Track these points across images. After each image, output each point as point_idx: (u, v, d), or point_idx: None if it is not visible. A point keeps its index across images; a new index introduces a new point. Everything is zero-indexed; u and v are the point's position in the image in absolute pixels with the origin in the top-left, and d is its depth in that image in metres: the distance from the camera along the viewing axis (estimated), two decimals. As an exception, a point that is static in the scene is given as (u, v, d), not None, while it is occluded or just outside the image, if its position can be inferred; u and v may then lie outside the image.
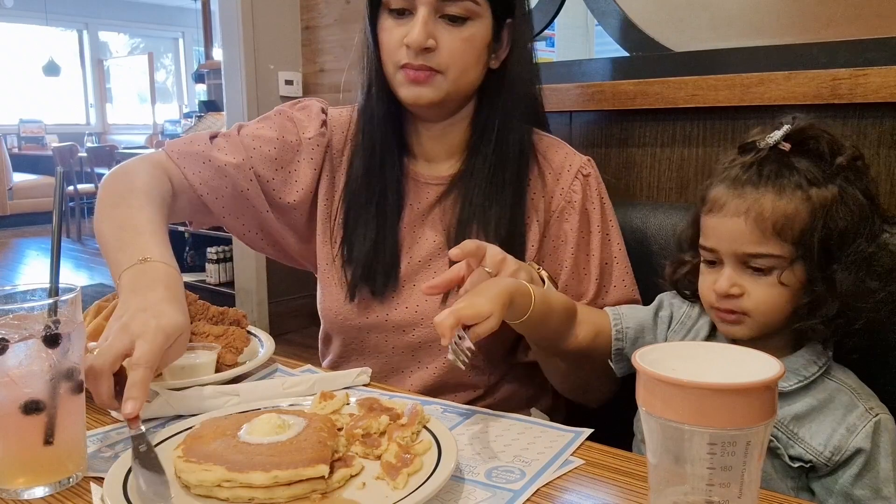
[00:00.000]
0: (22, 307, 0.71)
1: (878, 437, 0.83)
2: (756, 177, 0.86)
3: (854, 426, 0.83)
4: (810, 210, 0.83)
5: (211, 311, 1.10)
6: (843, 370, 0.90)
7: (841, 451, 0.83)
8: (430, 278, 1.03)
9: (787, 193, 0.84)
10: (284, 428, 0.71)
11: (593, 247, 1.12)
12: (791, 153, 0.86)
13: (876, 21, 1.30)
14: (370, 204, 1.13)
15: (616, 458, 0.78)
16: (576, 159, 1.15)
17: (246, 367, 0.99)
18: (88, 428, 0.83)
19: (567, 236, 1.12)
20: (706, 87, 1.33)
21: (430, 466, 0.70)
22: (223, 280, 3.99)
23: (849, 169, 0.86)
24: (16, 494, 0.70)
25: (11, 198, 7.86)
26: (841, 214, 0.83)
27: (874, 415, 0.84)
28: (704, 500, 0.53)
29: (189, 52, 10.53)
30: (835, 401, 0.86)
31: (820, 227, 0.83)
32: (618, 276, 1.13)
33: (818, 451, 0.83)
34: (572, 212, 1.12)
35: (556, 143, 1.17)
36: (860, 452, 0.82)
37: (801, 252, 0.84)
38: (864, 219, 0.85)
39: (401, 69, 1.05)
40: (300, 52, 2.57)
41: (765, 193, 0.84)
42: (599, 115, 1.53)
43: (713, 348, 0.61)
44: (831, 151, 0.86)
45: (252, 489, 0.64)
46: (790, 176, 0.85)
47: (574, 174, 1.13)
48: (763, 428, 0.52)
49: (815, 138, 0.87)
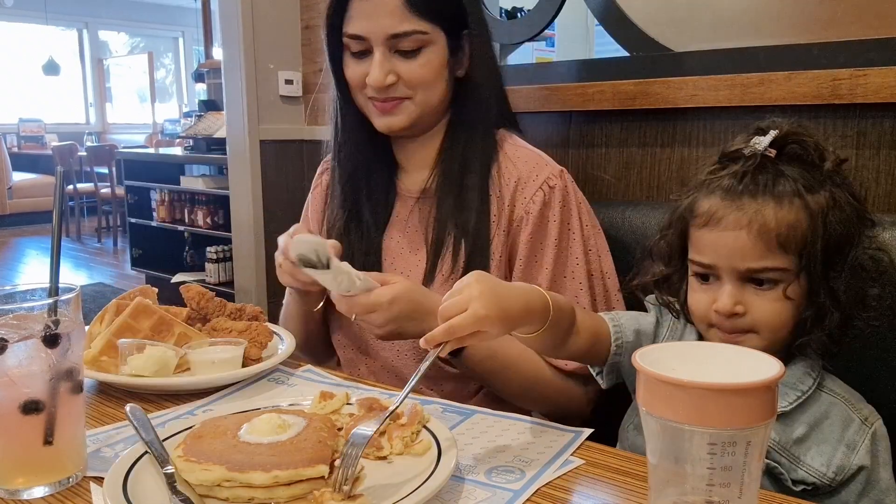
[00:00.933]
0: (22, 307, 0.71)
1: (876, 448, 0.83)
2: (752, 186, 0.81)
3: (854, 442, 0.82)
4: (810, 218, 0.80)
5: (228, 307, 1.13)
6: (830, 378, 0.88)
7: (844, 470, 0.81)
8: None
9: (787, 202, 0.80)
10: (284, 428, 0.71)
11: (546, 261, 1.11)
12: (778, 159, 0.83)
13: (876, 21, 1.30)
14: (355, 218, 1.20)
15: (616, 458, 0.78)
16: (545, 170, 1.13)
17: (271, 361, 1.02)
18: (88, 428, 0.83)
19: (519, 248, 1.12)
20: (706, 87, 1.33)
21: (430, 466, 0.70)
22: (223, 279, 3.99)
23: (836, 173, 0.84)
24: (16, 494, 0.70)
25: (11, 197, 7.86)
26: (836, 220, 0.81)
27: (870, 426, 0.83)
28: (704, 501, 0.53)
29: (189, 52, 10.53)
30: (830, 416, 0.84)
31: (821, 235, 0.80)
32: (572, 292, 1.10)
33: (821, 472, 0.81)
34: (528, 223, 1.11)
35: (530, 153, 1.16)
36: (862, 469, 0.81)
37: (804, 263, 0.80)
38: (858, 223, 0.83)
39: (369, 101, 1.12)
40: (300, 52, 2.56)
41: (765, 204, 0.80)
42: (599, 115, 1.53)
43: (713, 348, 0.61)
44: (818, 156, 0.84)
45: (252, 489, 0.64)
46: (785, 184, 0.81)
47: (538, 185, 1.12)
48: (763, 428, 0.52)
49: (799, 143, 0.84)
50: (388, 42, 1.07)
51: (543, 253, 1.11)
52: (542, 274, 1.11)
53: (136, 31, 10.32)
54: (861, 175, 1.21)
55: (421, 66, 1.09)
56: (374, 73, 1.08)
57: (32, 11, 8.94)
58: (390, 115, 1.12)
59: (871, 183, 1.21)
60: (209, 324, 1.09)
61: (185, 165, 4.45)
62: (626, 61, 1.54)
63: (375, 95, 1.10)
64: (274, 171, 2.59)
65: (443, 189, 1.15)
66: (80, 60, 9.89)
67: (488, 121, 1.17)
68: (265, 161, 2.57)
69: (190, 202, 4.29)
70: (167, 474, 0.67)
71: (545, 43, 3.81)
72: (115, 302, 1.07)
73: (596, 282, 1.13)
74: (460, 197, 1.13)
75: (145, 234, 4.66)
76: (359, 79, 1.11)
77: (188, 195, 4.29)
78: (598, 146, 1.54)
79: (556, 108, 1.56)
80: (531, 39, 1.81)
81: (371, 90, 1.10)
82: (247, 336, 1.04)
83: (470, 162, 1.14)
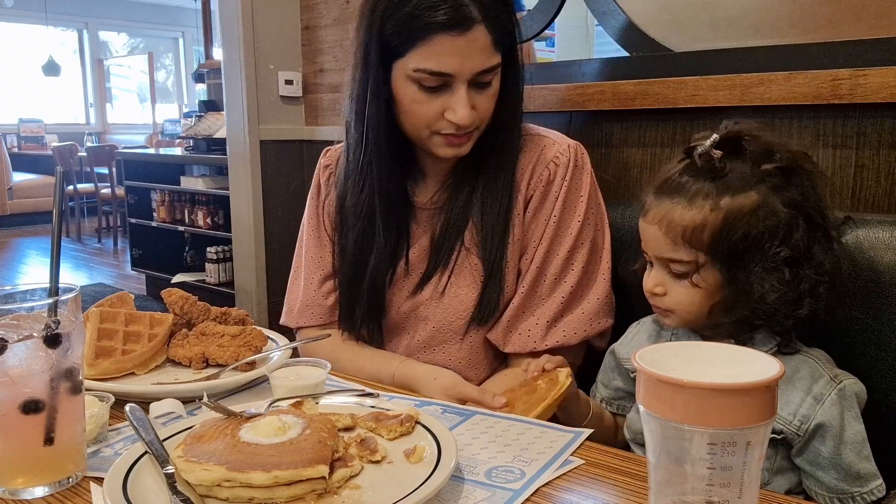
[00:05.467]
0: (22, 307, 0.71)
1: (845, 402, 0.86)
2: (677, 185, 0.90)
3: (820, 395, 0.86)
4: (721, 218, 0.86)
5: (213, 311, 1.10)
6: (811, 348, 0.92)
7: (809, 419, 0.85)
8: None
9: (698, 203, 0.88)
10: (285, 429, 0.71)
11: (546, 233, 1.12)
12: (725, 157, 0.88)
13: (876, 21, 1.30)
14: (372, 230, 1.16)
15: (616, 458, 0.78)
16: (552, 149, 1.14)
17: (266, 368, 0.96)
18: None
19: (525, 226, 1.14)
20: (706, 87, 1.33)
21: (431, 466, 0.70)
22: (223, 280, 3.99)
23: (777, 175, 0.88)
24: (16, 494, 0.70)
25: (11, 197, 7.86)
26: (755, 221, 0.86)
27: (838, 382, 0.87)
28: (704, 500, 0.53)
29: (189, 52, 10.52)
30: (801, 371, 0.89)
31: (730, 235, 0.86)
32: (564, 264, 1.12)
33: (788, 420, 0.86)
34: (533, 201, 1.13)
35: (541, 138, 1.17)
36: (830, 422, 0.85)
37: (711, 257, 0.88)
38: (782, 226, 0.86)
39: (440, 135, 1.07)
40: (300, 52, 2.56)
41: (677, 204, 0.89)
42: (599, 115, 1.53)
43: (713, 348, 0.60)
44: (761, 156, 0.88)
45: (252, 489, 0.64)
46: (709, 184, 0.88)
47: (545, 165, 1.13)
48: (763, 428, 0.52)
49: (748, 142, 0.89)
50: (473, 78, 1.03)
51: (544, 225, 1.13)
52: (539, 245, 1.12)
53: (136, 31, 10.32)
54: (861, 175, 1.22)
55: (491, 97, 1.07)
56: (463, 112, 1.02)
57: (32, 12, 8.94)
58: (462, 146, 1.08)
59: (871, 183, 1.21)
60: (197, 328, 1.06)
61: (186, 166, 4.45)
62: (626, 61, 1.54)
63: (455, 132, 1.05)
64: (274, 172, 2.59)
65: (462, 173, 1.14)
66: (81, 61, 9.89)
67: (518, 124, 1.15)
68: (265, 161, 2.57)
69: (190, 202, 4.29)
70: (167, 474, 0.67)
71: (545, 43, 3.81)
72: (98, 310, 1.03)
73: (592, 255, 1.14)
74: (485, 175, 1.12)
75: (145, 234, 4.66)
76: (434, 115, 1.04)
77: (188, 195, 4.29)
78: (598, 146, 1.54)
79: (556, 108, 1.56)
80: (531, 39, 1.81)
81: (452, 127, 1.04)
82: (240, 341, 1.01)
83: (504, 162, 1.13)
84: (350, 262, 1.17)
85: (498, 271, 1.12)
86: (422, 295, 1.16)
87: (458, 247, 1.13)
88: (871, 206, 1.21)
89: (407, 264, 1.17)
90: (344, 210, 1.19)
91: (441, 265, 1.15)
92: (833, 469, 0.85)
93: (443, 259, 1.14)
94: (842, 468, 0.85)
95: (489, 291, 1.12)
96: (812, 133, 1.25)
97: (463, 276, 1.14)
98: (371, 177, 1.12)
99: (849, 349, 0.98)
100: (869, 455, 0.86)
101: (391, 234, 1.15)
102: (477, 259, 1.13)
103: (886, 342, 0.97)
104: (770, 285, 0.86)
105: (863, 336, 0.98)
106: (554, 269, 1.12)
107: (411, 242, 1.18)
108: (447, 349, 1.17)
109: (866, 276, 0.98)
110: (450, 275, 1.14)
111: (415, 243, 1.18)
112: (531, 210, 1.14)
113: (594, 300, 1.13)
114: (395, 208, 1.15)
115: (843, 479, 0.85)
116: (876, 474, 0.86)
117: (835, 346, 0.95)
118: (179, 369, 1.03)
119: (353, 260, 1.17)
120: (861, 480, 0.85)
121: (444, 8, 0.98)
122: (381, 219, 1.14)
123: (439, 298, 1.15)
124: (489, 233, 1.12)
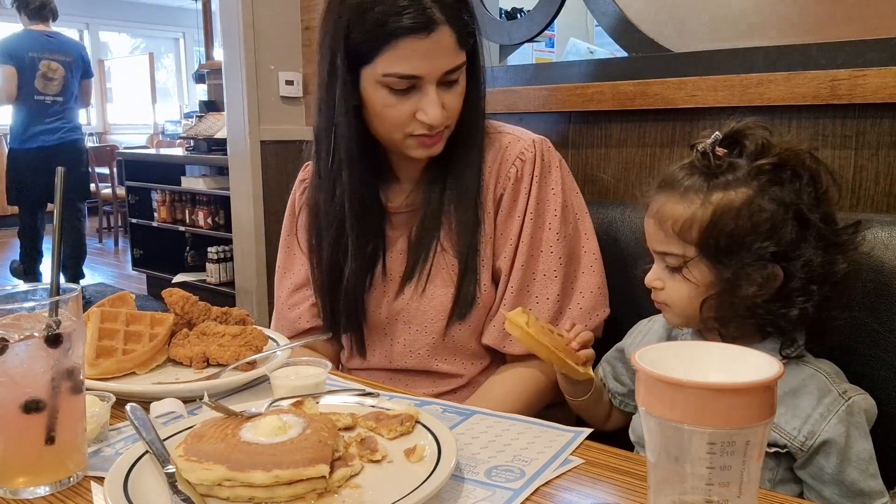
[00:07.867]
0: (22, 307, 0.72)
1: (853, 419, 0.85)
2: (671, 181, 0.92)
3: (827, 411, 0.85)
4: (710, 213, 0.87)
5: (213, 311, 1.10)
6: (821, 360, 0.91)
7: (814, 436, 0.84)
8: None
9: (689, 198, 0.89)
10: (285, 428, 0.71)
11: (524, 231, 1.13)
12: (727, 155, 0.89)
13: (876, 21, 1.30)
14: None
15: (616, 458, 0.78)
16: (518, 145, 1.15)
17: (266, 367, 0.96)
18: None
19: (496, 224, 1.15)
20: (706, 88, 1.33)
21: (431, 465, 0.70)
22: (223, 280, 3.99)
23: (770, 172, 0.87)
24: (17, 493, 0.70)
25: (12, 198, 7.84)
26: (742, 217, 0.86)
27: (847, 398, 0.86)
28: (704, 500, 0.53)
29: (189, 52, 10.52)
30: (809, 386, 0.87)
31: (717, 230, 0.86)
32: (547, 261, 1.13)
33: (792, 435, 0.85)
34: (504, 199, 1.14)
35: (505, 136, 1.18)
36: (835, 439, 0.83)
37: (700, 251, 0.88)
38: (769, 223, 0.85)
39: (412, 137, 1.08)
40: (300, 53, 2.57)
41: (670, 198, 0.91)
42: (599, 115, 1.53)
43: (713, 348, 0.61)
44: (757, 153, 0.88)
45: (252, 488, 0.64)
46: (703, 180, 0.89)
47: (512, 162, 1.14)
48: (763, 428, 0.52)
49: (748, 138, 0.90)
50: (440, 77, 1.04)
51: (516, 223, 1.13)
52: (520, 242, 1.13)
53: (136, 32, 10.32)
54: (860, 175, 1.22)
55: (459, 94, 1.09)
56: (435, 112, 1.04)
57: (33, 12, 8.94)
58: (434, 145, 1.10)
59: (870, 183, 1.21)
60: (198, 328, 1.06)
61: (186, 166, 4.45)
62: (626, 61, 1.55)
63: (428, 132, 1.07)
64: (274, 172, 2.59)
65: (434, 170, 1.15)
66: (81, 61, 9.88)
67: (482, 120, 1.16)
68: (266, 161, 2.57)
69: (191, 202, 4.29)
70: (168, 474, 0.67)
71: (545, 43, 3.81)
72: (99, 311, 1.04)
73: (576, 245, 1.15)
74: (456, 173, 1.13)
75: (146, 234, 4.67)
76: (406, 117, 1.06)
77: (189, 195, 4.29)
78: (598, 146, 1.54)
79: (555, 108, 1.56)
80: (531, 40, 1.81)
81: (424, 127, 1.06)
82: (241, 340, 1.02)
83: (470, 158, 1.14)
84: (326, 270, 1.18)
85: (473, 265, 1.13)
86: (401, 299, 1.17)
87: (435, 247, 1.14)
88: (871, 206, 1.21)
89: (384, 269, 1.18)
90: (318, 219, 1.19)
91: (419, 267, 1.15)
92: (835, 485, 0.84)
93: (420, 261, 1.15)
94: (844, 485, 0.84)
95: (465, 286, 1.13)
96: (811, 133, 1.25)
97: (440, 276, 1.15)
98: (342, 184, 1.13)
99: (849, 349, 0.98)
100: (875, 473, 0.84)
101: (367, 240, 1.16)
102: (453, 258, 1.14)
103: (886, 342, 0.97)
104: (756, 281, 0.86)
105: (862, 336, 0.98)
106: (543, 266, 1.13)
107: (387, 246, 1.19)
108: (429, 350, 1.17)
109: (866, 276, 0.98)
110: (428, 276, 1.15)
111: (391, 247, 1.19)
112: (504, 209, 1.14)
113: (588, 294, 1.14)
114: (369, 214, 1.15)
115: (846, 496, 0.84)
116: (882, 492, 0.84)
117: (835, 346, 0.95)
118: (180, 369, 1.03)
119: (329, 268, 1.18)
120: (864, 497, 0.84)
121: (408, 12, 1.00)
122: (356, 225, 1.14)
123: (419, 300, 1.16)
124: (462, 230, 1.13)
